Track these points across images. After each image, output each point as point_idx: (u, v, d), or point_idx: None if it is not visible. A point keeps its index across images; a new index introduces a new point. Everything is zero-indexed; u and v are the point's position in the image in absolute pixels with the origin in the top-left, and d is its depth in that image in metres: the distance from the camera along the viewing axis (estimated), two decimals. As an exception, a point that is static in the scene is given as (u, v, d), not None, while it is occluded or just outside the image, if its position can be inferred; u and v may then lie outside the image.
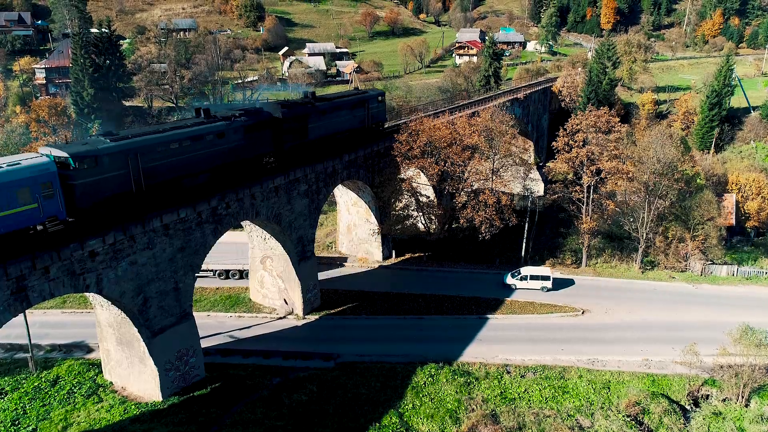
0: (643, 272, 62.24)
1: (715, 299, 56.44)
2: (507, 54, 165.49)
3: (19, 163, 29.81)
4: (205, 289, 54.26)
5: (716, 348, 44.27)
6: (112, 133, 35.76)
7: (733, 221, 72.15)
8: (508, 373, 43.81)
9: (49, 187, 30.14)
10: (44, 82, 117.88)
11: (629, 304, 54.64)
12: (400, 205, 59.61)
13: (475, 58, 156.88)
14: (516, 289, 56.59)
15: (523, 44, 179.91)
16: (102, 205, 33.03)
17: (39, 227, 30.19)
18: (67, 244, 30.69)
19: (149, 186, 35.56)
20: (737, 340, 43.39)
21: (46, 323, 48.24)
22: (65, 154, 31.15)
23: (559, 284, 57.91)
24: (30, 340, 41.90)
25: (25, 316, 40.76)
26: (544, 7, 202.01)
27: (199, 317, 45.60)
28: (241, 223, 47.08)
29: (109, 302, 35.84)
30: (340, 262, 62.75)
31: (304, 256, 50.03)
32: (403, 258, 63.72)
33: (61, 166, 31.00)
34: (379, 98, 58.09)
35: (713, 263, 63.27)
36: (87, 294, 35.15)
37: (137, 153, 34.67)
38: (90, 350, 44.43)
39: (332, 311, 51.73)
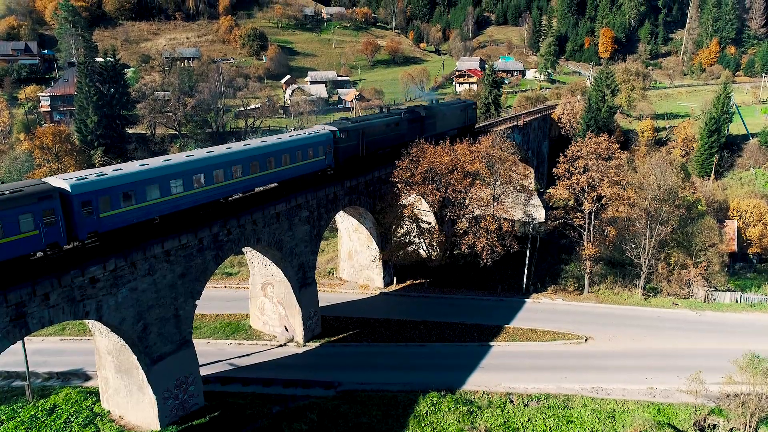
0: (645, 299, 61.85)
1: (719, 326, 55.94)
2: (506, 82, 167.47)
3: (317, 131, 51.81)
4: (205, 316, 53.91)
5: (722, 376, 43.67)
6: (349, 120, 57.77)
7: (735, 247, 71.97)
8: (511, 402, 43.18)
9: (328, 148, 51.31)
10: (49, 109, 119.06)
11: (633, 331, 54.15)
12: (402, 231, 59.60)
13: (475, 86, 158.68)
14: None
15: (523, 72, 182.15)
16: (348, 161, 53.93)
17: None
18: (67, 270, 30.62)
19: (366, 153, 56.08)
20: (743, 369, 42.82)
21: (44, 350, 47.80)
22: (336, 128, 52.72)
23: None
24: (27, 367, 41.48)
25: (23, 343, 40.39)
26: (543, 37, 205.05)
27: (199, 344, 45.18)
28: (242, 249, 47.04)
29: (109, 329, 35.57)
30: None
31: (305, 283, 49.82)
32: (404, 284, 63.44)
33: (334, 136, 51.77)
34: (474, 106, 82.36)
35: (716, 290, 62.91)
36: (86, 321, 34.90)
37: (362, 131, 55.31)
38: (88, 378, 43.92)
39: (333, 338, 51.28)
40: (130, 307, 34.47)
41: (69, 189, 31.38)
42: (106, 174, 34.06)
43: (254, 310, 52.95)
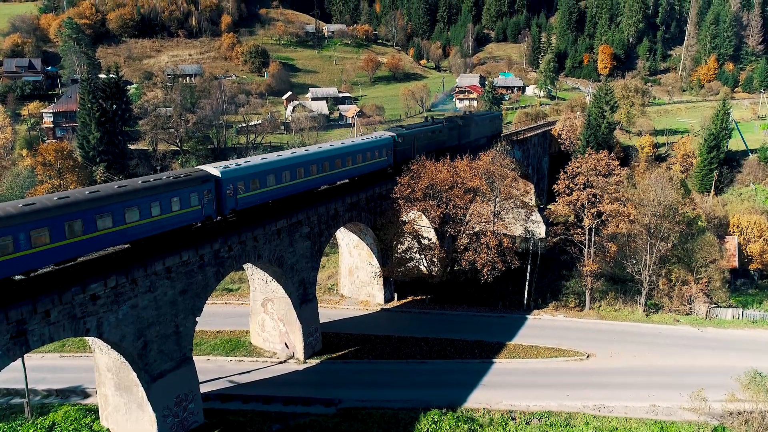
0: (647, 315, 61.66)
1: (721, 343, 55.68)
2: (506, 98, 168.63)
3: (381, 137, 61.14)
4: (205, 332, 53.73)
5: (725, 394, 43.41)
6: (403, 127, 68.04)
7: (736, 264, 71.88)
8: (513, 419, 42.87)
9: (389, 151, 60.50)
10: (51, 126, 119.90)
11: (634, 348, 53.89)
12: (402, 247, 59.63)
13: (475, 103, 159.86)
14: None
15: (522, 89, 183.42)
16: (404, 161, 61.20)
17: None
18: (68, 287, 30.65)
19: (414, 155, 62.40)
20: (746, 386, 42.59)
21: (43, 367, 47.57)
22: (394, 134, 61.64)
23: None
24: (27, 385, 41.27)
25: (23, 361, 40.25)
26: (542, 53, 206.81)
27: (199, 361, 45.00)
28: (243, 265, 47.07)
29: (109, 346, 35.47)
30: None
31: (305, 299, 49.76)
32: (405, 301, 63.30)
33: (394, 141, 60.87)
34: (500, 117, 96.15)
35: (718, 306, 62.72)
36: (87, 338, 34.85)
37: (414, 137, 64.49)
38: (87, 395, 43.64)
39: (334, 355, 51.06)
40: (131, 324, 34.44)
41: (219, 175, 40.46)
42: (240, 164, 43.22)
43: (255, 327, 52.81)
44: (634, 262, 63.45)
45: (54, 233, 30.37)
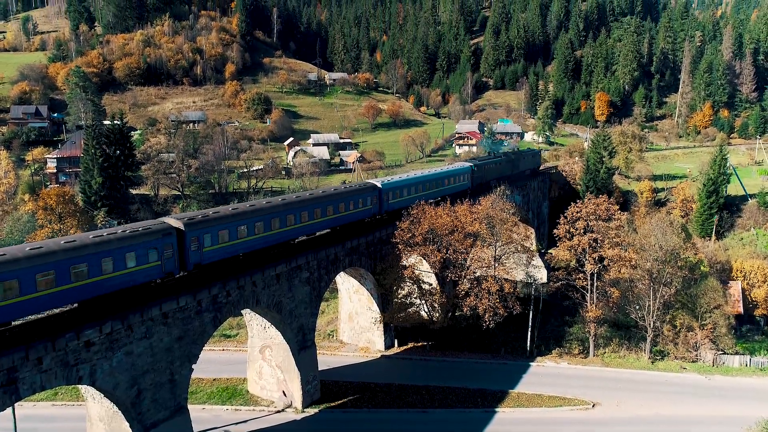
0: (652, 362, 60.46)
1: (729, 391, 54.40)
2: (506, 144, 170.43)
3: (462, 165, 78.91)
4: (201, 380, 52.58)
5: (736, 445, 42.12)
6: (475, 159, 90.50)
7: (741, 309, 70.99)
8: (518, 472, 41.41)
9: (468, 177, 77.29)
10: (55, 171, 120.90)
11: (641, 397, 52.60)
12: (403, 292, 59.03)
13: (474, 148, 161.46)
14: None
15: (521, 134, 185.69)
16: (478, 186, 77.76)
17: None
18: (63, 333, 30.12)
19: (485, 181, 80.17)
20: (757, 437, 41.35)
21: (35, 417, 46.32)
22: (471, 164, 78.92)
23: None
24: (16, 435, 40.10)
25: (13, 410, 39.20)
26: (540, 100, 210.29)
27: (194, 410, 43.82)
28: (242, 311, 46.43)
29: (102, 395, 34.60)
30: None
31: (304, 345, 48.90)
32: (405, 347, 62.23)
33: (472, 169, 77.68)
34: (539, 153, 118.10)
35: (724, 353, 61.57)
36: (79, 386, 34.02)
37: (485, 166, 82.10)
38: (78, 446, 42.38)
39: (333, 404, 49.80)
40: (125, 371, 33.68)
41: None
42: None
43: (252, 374, 51.70)
44: (638, 307, 62.67)
45: None
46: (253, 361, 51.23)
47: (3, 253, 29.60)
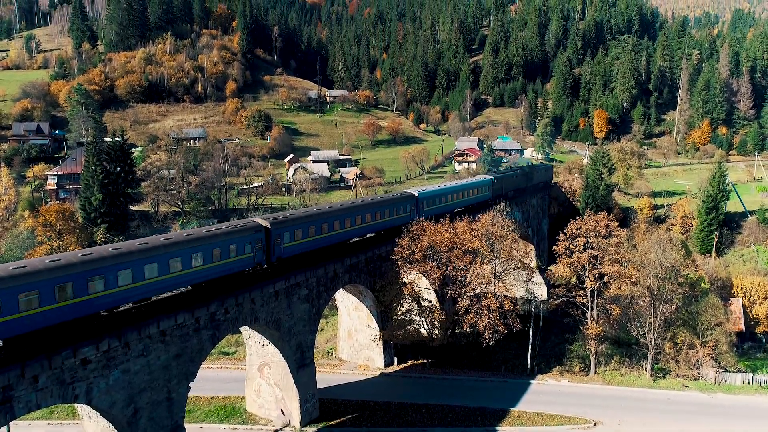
0: (654, 380, 59.96)
1: (732, 410, 53.87)
2: (505, 161, 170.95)
3: (484, 178, 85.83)
4: (199, 398, 52.07)
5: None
6: (495, 172, 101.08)
7: (743, 326, 70.57)
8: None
9: (489, 188, 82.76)
10: (55, 187, 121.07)
11: (643, 416, 52.07)
12: (402, 309, 58.75)
13: (474, 165, 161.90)
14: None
15: (520, 151, 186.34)
16: (498, 196, 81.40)
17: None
18: (59, 350, 29.88)
19: (502, 192, 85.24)
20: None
21: (29, 436, 45.88)
22: (492, 177, 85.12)
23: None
24: (11, 454, 39.64)
25: (8, 429, 38.81)
26: (539, 118, 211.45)
27: (191, 429, 43.41)
28: (240, 328, 46.16)
29: (98, 413, 34.23)
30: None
31: (303, 363, 48.53)
32: (405, 365, 61.76)
33: (492, 182, 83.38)
34: (552, 168, 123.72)
35: (727, 371, 61.08)
36: (76, 404, 33.67)
37: (504, 178, 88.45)
38: (73, 466, 41.86)
39: (331, 423, 49.28)
40: (122, 389, 33.36)
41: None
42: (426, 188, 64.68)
43: (250, 393, 51.24)
44: (639, 324, 62.33)
45: None
46: (251, 379, 50.81)
47: (158, 240, 37.22)
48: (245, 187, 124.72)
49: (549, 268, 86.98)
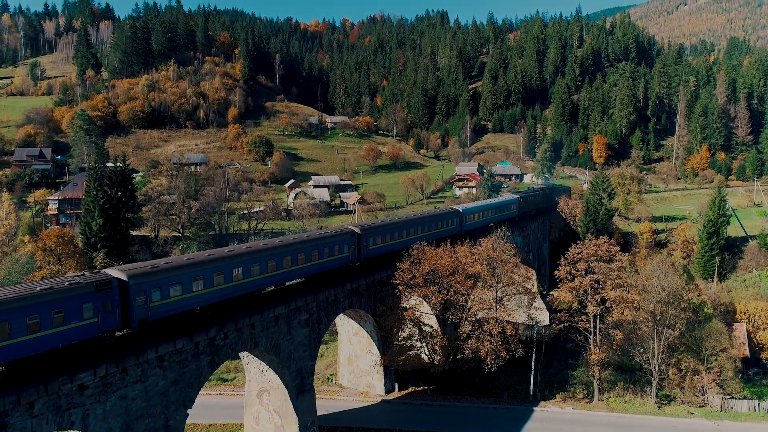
0: (659, 407, 59.05)
1: (739, 438, 52.93)
2: (505, 186, 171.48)
3: (510, 198, 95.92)
4: (197, 426, 51.26)
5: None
6: (519, 192, 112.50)
7: (747, 352, 69.78)
8: None
9: (516, 207, 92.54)
10: (56, 212, 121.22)
11: (648, 444, 51.12)
12: (403, 334, 58.24)
13: (474, 190, 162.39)
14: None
15: (520, 176, 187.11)
16: (523, 214, 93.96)
17: None
18: (56, 376, 29.50)
19: (527, 210, 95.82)
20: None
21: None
22: (518, 196, 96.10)
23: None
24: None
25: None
26: (539, 143, 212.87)
27: (189, 458, 42.59)
28: (239, 353, 45.66)
29: (94, 441, 33.63)
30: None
31: (302, 390, 47.86)
32: (406, 391, 60.92)
33: (518, 201, 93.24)
34: (569, 189, 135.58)
35: (732, 397, 60.20)
36: None
37: (529, 198, 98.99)
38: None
39: (331, 451, 48.39)
40: (118, 416, 32.83)
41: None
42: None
43: (249, 420, 50.38)
44: (642, 350, 61.62)
45: None
46: (250, 405, 50.02)
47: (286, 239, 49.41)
48: (246, 211, 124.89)
49: (550, 292, 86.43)
